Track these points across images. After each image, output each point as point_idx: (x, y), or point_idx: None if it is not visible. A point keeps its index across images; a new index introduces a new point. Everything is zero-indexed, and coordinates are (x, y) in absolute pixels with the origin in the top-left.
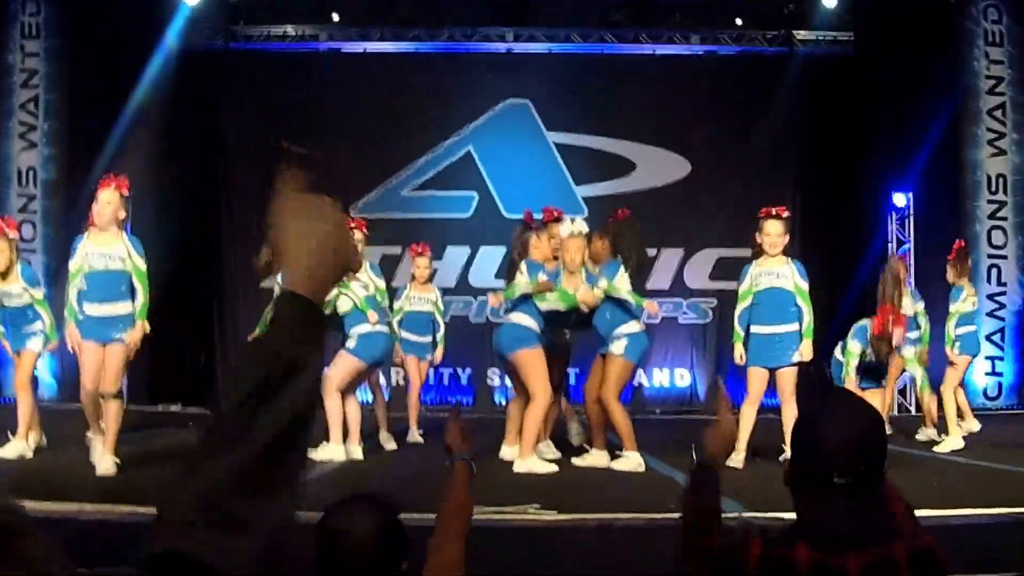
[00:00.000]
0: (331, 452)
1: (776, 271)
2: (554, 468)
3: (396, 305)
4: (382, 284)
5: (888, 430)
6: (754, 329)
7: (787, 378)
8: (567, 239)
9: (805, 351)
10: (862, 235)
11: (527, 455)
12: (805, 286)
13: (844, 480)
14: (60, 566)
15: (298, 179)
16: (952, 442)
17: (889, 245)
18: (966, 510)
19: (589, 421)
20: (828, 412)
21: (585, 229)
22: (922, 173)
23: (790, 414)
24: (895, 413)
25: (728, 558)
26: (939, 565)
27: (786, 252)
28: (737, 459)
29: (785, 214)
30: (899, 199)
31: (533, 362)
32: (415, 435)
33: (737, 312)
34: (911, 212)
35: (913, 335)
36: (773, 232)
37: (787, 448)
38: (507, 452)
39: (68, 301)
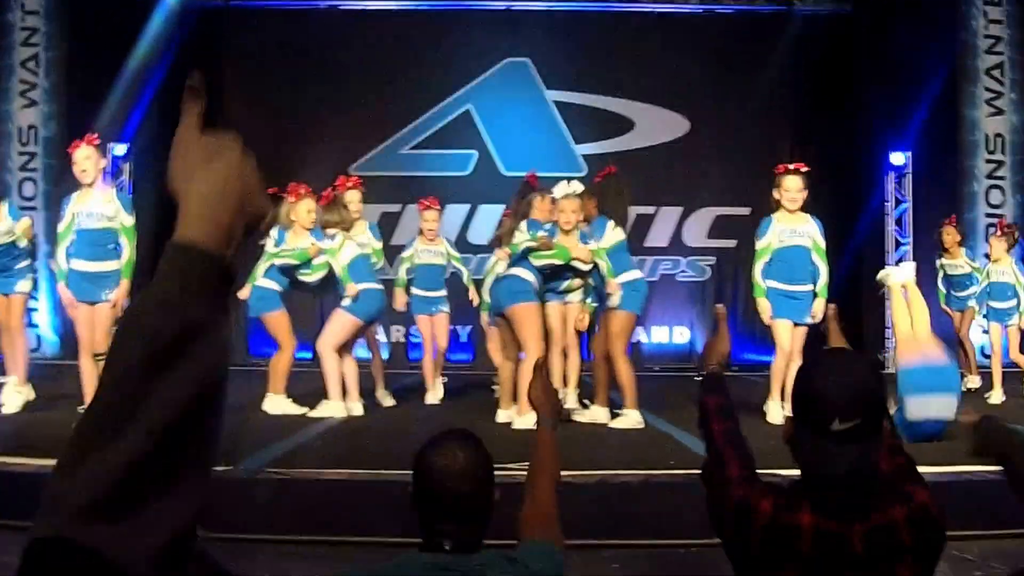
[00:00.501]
0: (331, 409)
1: (799, 228)
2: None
3: (403, 255)
4: (379, 244)
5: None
6: (771, 284)
7: (799, 337)
8: (562, 200)
9: (818, 310)
10: (860, 194)
11: (527, 411)
12: (823, 244)
13: (843, 426)
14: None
15: (191, 115)
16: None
17: (886, 204)
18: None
19: (595, 377)
20: (825, 362)
21: (580, 189)
22: (920, 132)
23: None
24: None
25: (740, 516)
26: (936, 523)
27: (805, 208)
28: (776, 414)
29: (804, 169)
30: (897, 158)
31: (529, 316)
32: (437, 392)
33: (757, 269)
34: (909, 171)
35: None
36: (793, 187)
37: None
38: (503, 415)
39: (57, 261)
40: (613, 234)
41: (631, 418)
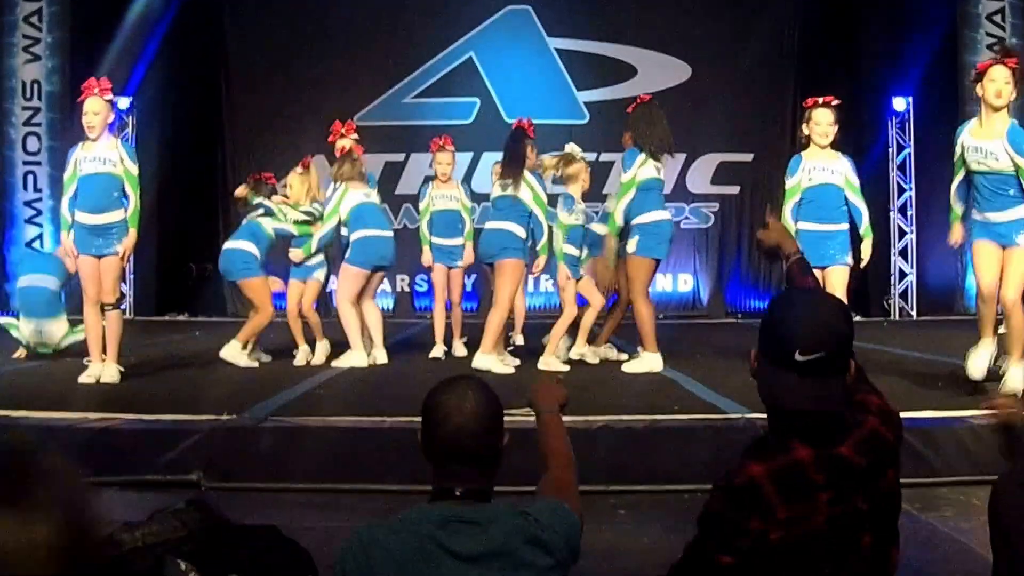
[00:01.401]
0: (353, 359)
1: (830, 166)
2: (510, 371)
3: (421, 206)
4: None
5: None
6: (802, 226)
7: (837, 279)
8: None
9: (866, 251)
10: (862, 139)
11: (487, 351)
12: (857, 182)
13: (805, 358)
14: (76, 479)
15: None
16: None
17: (889, 149)
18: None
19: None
20: (792, 296)
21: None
22: (921, 78)
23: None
24: None
25: (735, 492)
26: (893, 415)
27: (835, 145)
28: None
29: (835, 102)
30: (899, 103)
31: (513, 272)
32: (457, 346)
33: (787, 209)
34: (911, 116)
35: None
36: (824, 121)
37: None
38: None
39: (61, 212)
40: (643, 170)
41: (646, 361)
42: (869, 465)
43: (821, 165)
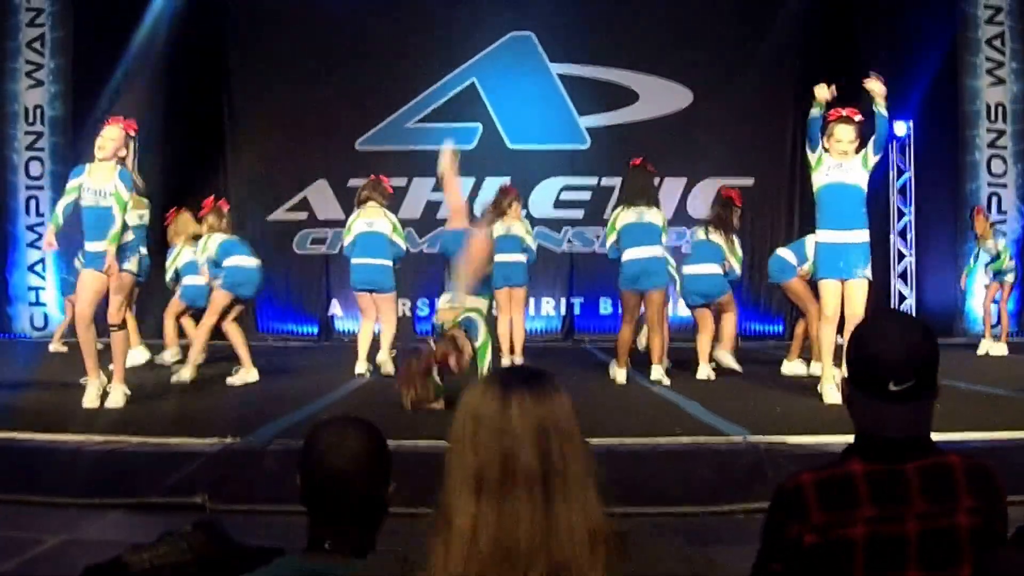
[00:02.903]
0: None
1: (846, 164)
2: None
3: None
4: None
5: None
6: (821, 236)
7: (860, 294)
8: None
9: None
10: None
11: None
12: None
13: (899, 388)
14: None
15: None
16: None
17: (889, 173)
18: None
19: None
20: (880, 325)
21: None
22: (922, 102)
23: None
24: None
25: (783, 494)
26: (993, 479)
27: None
28: (830, 390)
29: (857, 117)
30: (899, 127)
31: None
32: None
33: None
34: (911, 140)
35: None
36: (845, 138)
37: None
38: None
39: (55, 210)
40: (615, 215)
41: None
42: (927, 489)
43: (838, 163)
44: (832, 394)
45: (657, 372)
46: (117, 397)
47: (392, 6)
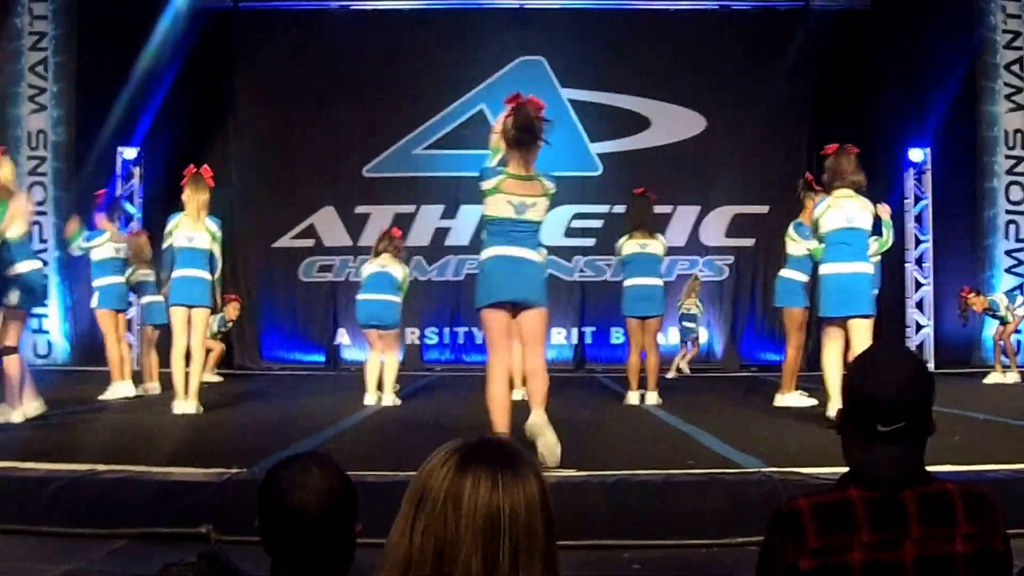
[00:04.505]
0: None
1: (845, 202)
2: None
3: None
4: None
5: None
6: (826, 270)
7: (860, 329)
8: None
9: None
10: (879, 191)
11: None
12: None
13: (887, 429)
14: None
15: None
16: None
17: (905, 201)
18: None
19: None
20: (873, 362)
21: None
22: (939, 128)
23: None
24: None
25: (780, 518)
26: (991, 506)
27: (859, 190)
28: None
29: (855, 151)
30: (916, 154)
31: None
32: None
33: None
34: (928, 167)
35: None
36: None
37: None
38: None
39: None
40: (621, 243)
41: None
42: (925, 517)
43: (841, 202)
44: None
45: (652, 397)
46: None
47: (400, 31)
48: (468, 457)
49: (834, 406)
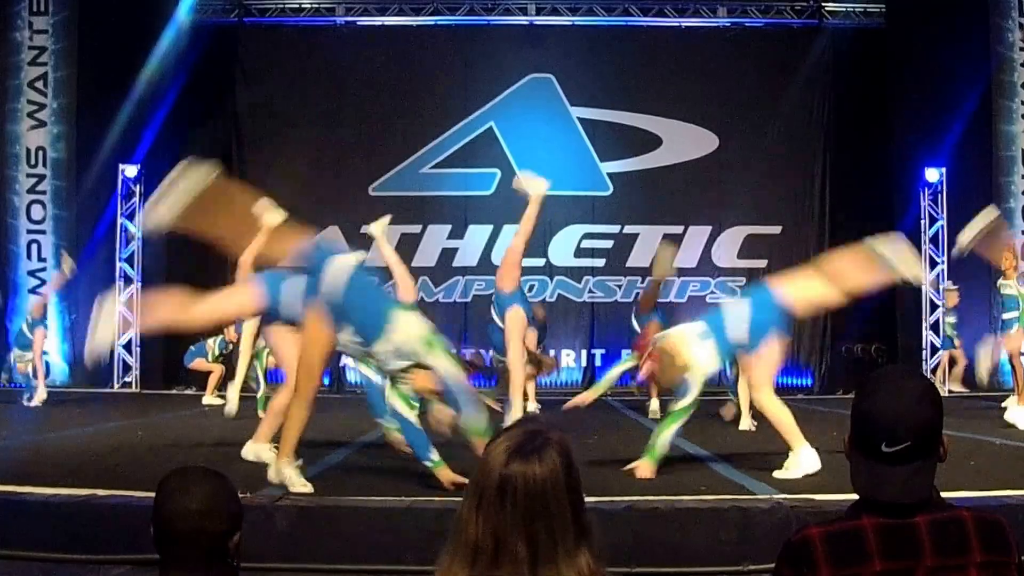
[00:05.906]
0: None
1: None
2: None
3: None
4: None
5: None
6: None
7: None
8: None
9: None
10: (894, 211)
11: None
12: None
13: (892, 449)
14: None
15: None
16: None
17: (921, 221)
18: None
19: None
20: (879, 383)
21: None
22: (955, 148)
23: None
24: None
25: (790, 548)
26: (1006, 533)
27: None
28: None
29: None
30: (931, 174)
31: None
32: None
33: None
34: (944, 187)
35: None
36: None
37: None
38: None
39: None
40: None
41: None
42: (938, 544)
43: None
44: None
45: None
46: None
47: (407, 48)
48: (511, 453)
49: None
